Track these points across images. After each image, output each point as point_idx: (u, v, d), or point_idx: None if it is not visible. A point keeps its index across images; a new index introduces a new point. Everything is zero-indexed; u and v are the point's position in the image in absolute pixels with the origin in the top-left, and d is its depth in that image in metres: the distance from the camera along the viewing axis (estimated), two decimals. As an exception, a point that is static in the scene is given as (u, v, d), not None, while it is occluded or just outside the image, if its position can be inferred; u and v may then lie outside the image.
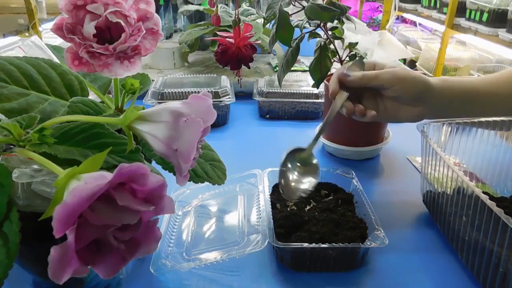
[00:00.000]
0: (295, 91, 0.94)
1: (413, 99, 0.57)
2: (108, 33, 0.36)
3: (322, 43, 0.71)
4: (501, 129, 0.59)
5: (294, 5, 0.68)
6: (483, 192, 0.44)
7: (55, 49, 0.54)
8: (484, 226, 0.44)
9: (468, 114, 0.59)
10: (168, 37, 1.52)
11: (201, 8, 1.24)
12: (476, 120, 0.59)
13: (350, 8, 0.67)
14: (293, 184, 0.52)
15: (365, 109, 0.58)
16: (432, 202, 0.59)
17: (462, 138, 0.62)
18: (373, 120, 0.58)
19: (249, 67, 0.94)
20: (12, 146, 0.33)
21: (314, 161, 0.54)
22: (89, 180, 0.27)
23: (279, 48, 1.12)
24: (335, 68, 0.75)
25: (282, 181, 0.52)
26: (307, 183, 0.52)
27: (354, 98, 0.59)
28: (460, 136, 0.62)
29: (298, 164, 0.53)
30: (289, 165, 0.53)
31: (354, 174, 0.61)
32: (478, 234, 0.46)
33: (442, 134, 0.61)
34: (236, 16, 0.89)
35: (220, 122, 0.92)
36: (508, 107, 0.60)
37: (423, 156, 0.60)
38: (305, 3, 0.66)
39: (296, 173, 0.53)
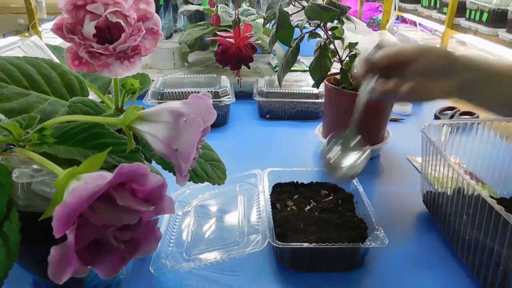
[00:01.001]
0: (295, 91, 0.94)
1: (441, 71, 0.54)
2: (108, 33, 0.36)
3: (322, 43, 0.71)
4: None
5: (294, 5, 0.68)
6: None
7: (55, 49, 0.54)
8: (485, 225, 0.44)
9: (495, 93, 0.55)
10: (168, 37, 1.52)
11: (201, 8, 1.24)
12: (475, 120, 0.59)
13: (350, 8, 0.67)
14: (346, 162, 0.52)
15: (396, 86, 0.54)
16: (432, 202, 0.59)
17: (462, 138, 0.62)
18: (406, 97, 0.56)
19: (249, 67, 0.94)
20: (12, 146, 0.33)
21: (357, 137, 0.54)
22: (89, 180, 0.27)
23: (279, 48, 1.12)
24: (335, 68, 0.75)
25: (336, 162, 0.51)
26: (361, 157, 0.52)
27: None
28: (460, 136, 0.62)
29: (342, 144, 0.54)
30: (336, 146, 0.53)
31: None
32: (478, 233, 0.46)
33: (442, 134, 0.61)
34: (236, 16, 0.89)
35: (220, 122, 0.92)
36: None
37: (423, 156, 0.59)
38: (305, 3, 0.66)
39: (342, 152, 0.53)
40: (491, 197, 0.43)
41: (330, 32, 0.71)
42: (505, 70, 0.56)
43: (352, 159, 0.52)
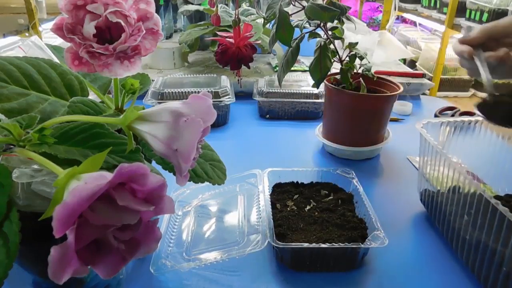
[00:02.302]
0: (295, 91, 0.94)
1: None
2: (108, 33, 0.36)
3: (322, 43, 0.71)
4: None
5: (294, 5, 0.68)
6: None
7: (55, 49, 0.54)
8: (487, 225, 0.44)
9: None
10: (168, 37, 1.51)
11: (201, 8, 1.24)
12: (474, 120, 0.59)
13: (350, 8, 0.67)
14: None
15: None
16: (430, 201, 0.59)
17: (460, 138, 0.62)
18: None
19: (249, 67, 0.94)
20: (12, 146, 0.33)
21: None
22: (89, 180, 0.27)
23: (279, 48, 1.12)
24: (335, 68, 0.75)
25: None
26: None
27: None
28: (457, 136, 0.62)
29: None
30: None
31: (354, 174, 0.61)
32: (480, 234, 0.46)
33: (441, 134, 0.61)
34: (236, 16, 0.89)
35: (220, 122, 0.92)
36: None
37: (422, 155, 0.60)
38: (305, 3, 0.66)
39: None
40: (494, 197, 0.43)
41: (330, 32, 0.71)
42: None
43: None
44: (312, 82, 0.72)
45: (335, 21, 0.69)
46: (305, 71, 1.20)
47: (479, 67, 0.54)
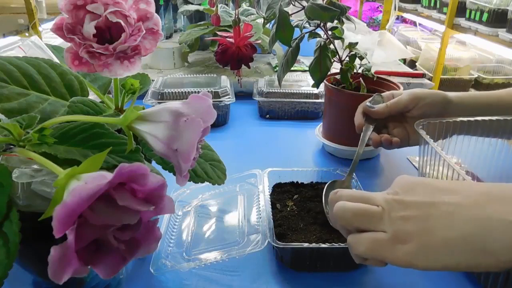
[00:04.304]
0: (295, 91, 0.94)
1: (437, 114, 0.59)
2: (108, 33, 0.36)
3: (322, 43, 0.71)
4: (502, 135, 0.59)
5: (294, 5, 0.68)
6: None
7: (55, 49, 0.54)
8: None
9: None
10: (168, 37, 1.51)
11: (201, 8, 1.24)
12: (473, 119, 0.59)
13: (350, 8, 0.67)
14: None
15: (391, 137, 0.61)
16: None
17: (460, 138, 0.62)
18: (400, 146, 0.61)
19: (249, 67, 0.94)
20: (12, 146, 0.33)
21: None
22: (89, 180, 0.27)
23: (279, 48, 1.12)
24: (335, 68, 0.75)
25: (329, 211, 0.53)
26: None
27: (380, 128, 0.63)
28: (457, 136, 0.62)
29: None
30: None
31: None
32: None
33: (440, 134, 0.61)
34: (236, 16, 0.89)
35: (220, 122, 0.92)
36: None
37: (421, 156, 0.59)
38: (305, 3, 0.66)
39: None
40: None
41: (330, 32, 0.71)
42: (494, 103, 0.61)
43: None
44: (312, 82, 0.72)
45: (335, 21, 0.69)
46: (305, 71, 1.20)
47: (360, 139, 0.61)
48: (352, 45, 0.73)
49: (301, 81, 1.02)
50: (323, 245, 0.47)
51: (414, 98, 0.60)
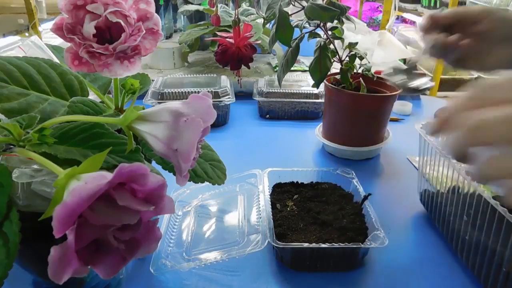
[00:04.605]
0: (295, 91, 0.94)
1: (503, 36, 0.54)
2: (108, 33, 0.36)
3: (322, 43, 0.71)
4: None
5: (294, 5, 0.68)
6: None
7: (55, 49, 0.54)
8: (487, 225, 0.44)
9: None
10: (168, 37, 1.51)
11: (201, 8, 1.24)
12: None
13: (350, 8, 0.67)
14: None
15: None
16: (429, 201, 0.59)
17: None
18: (463, 55, 0.55)
19: (249, 67, 0.94)
20: (12, 146, 0.33)
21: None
22: (89, 180, 0.27)
23: (279, 48, 1.12)
24: (335, 68, 0.75)
25: None
26: None
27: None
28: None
29: None
30: None
31: (354, 174, 0.61)
32: (479, 234, 0.46)
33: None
34: (236, 16, 0.89)
35: (220, 122, 0.92)
36: None
37: (421, 155, 0.60)
38: (305, 3, 0.66)
39: None
40: (493, 197, 0.43)
41: (330, 32, 0.71)
42: None
43: None
44: (312, 82, 0.72)
45: (335, 21, 0.69)
46: (305, 71, 1.20)
47: (425, 42, 0.56)
48: (352, 45, 0.73)
49: (301, 81, 1.02)
50: (323, 245, 0.47)
51: (485, 10, 0.54)
